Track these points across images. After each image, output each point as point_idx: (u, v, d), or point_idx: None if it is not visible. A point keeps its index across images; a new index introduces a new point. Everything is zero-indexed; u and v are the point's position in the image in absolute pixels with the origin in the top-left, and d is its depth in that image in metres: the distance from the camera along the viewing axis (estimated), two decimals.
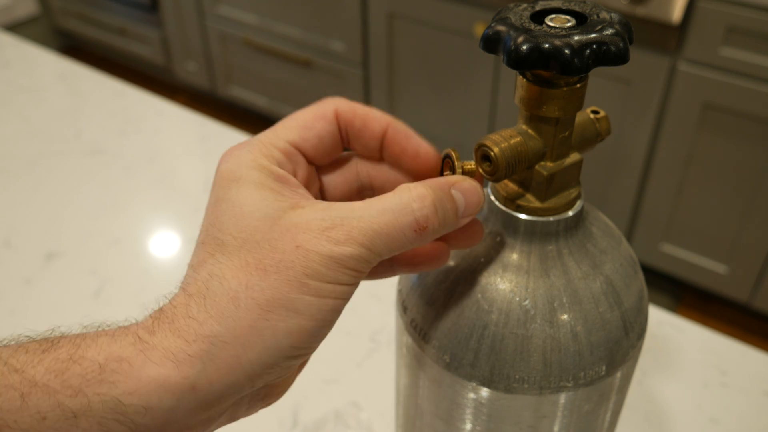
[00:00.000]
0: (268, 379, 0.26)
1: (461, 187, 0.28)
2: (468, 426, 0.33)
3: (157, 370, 0.24)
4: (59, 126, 0.91)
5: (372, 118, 0.30)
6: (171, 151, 0.88)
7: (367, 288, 0.66)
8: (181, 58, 2.36)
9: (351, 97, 1.83)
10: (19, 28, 2.51)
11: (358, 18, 1.81)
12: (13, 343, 0.25)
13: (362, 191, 0.33)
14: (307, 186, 0.30)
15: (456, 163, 0.30)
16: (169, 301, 0.26)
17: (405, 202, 0.26)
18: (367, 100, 1.92)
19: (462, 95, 1.73)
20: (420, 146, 0.30)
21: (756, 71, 1.30)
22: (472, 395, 0.32)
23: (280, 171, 0.27)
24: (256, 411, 0.28)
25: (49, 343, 0.25)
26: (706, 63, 1.35)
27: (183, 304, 0.25)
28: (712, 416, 0.55)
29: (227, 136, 0.88)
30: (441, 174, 0.30)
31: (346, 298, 0.26)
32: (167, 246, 0.73)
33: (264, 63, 2.11)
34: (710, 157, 1.43)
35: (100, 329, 0.26)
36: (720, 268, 1.54)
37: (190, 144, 0.91)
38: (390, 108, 1.85)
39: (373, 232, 0.26)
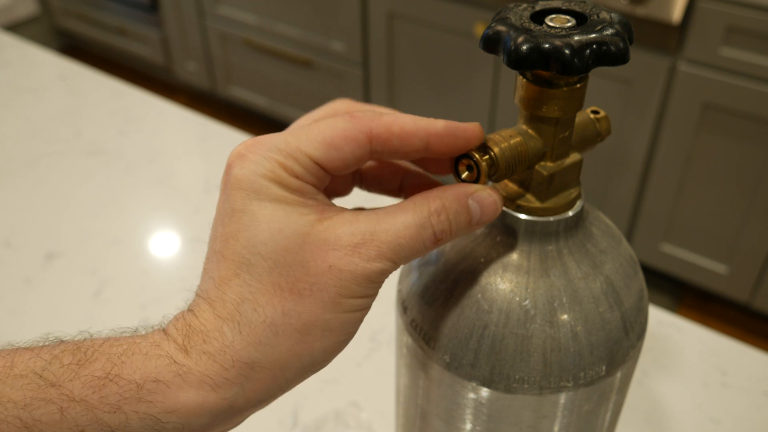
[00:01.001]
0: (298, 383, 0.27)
1: (479, 197, 0.28)
2: (468, 426, 0.33)
3: (195, 393, 0.25)
4: (59, 126, 0.91)
5: (409, 133, 0.27)
6: (171, 151, 0.88)
7: None
8: (181, 58, 2.36)
9: (351, 97, 1.83)
10: (19, 28, 2.51)
11: (358, 18, 1.81)
12: (41, 344, 0.26)
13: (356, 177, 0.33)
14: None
15: (482, 165, 0.29)
16: (196, 316, 0.26)
17: (425, 216, 0.27)
18: (367, 100, 1.92)
19: (462, 95, 1.73)
20: (469, 138, 0.28)
21: (756, 71, 1.30)
22: (472, 395, 0.32)
23: (298, 183, 0.26)
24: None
25: (81, 353, 0.25)
26: (706, 63, 1.35)
27: (216, 329, 0.25)
28: (712, 416, 0.55)
29: (227, 136, 0.88)
30: (456, 171, 0.30)
31: (370, 307, 0.27)
32: (167, 246, 0.73)
33: (264, 63, 2.11)
34: (710, 157, 1.43)
35: (130, 337, 0.26)
36: (720, 268, 1.54)
37: (190, 144, 0.91)
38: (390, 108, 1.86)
39: (400, 246, 0.26)
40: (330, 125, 0.27)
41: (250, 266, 0.26)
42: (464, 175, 0.30)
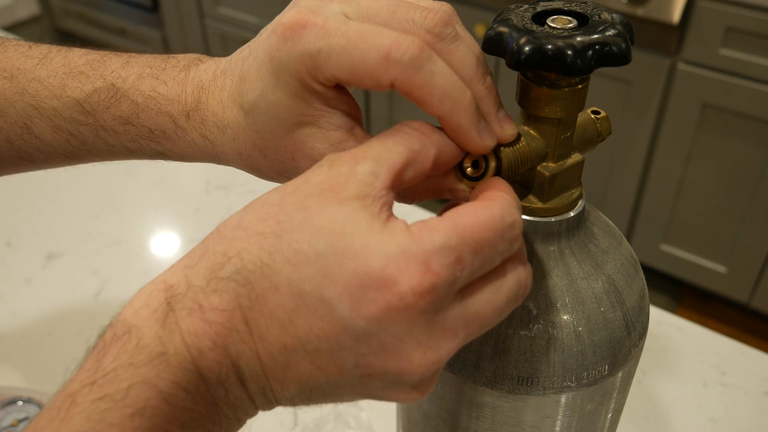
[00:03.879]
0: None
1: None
2: (470, 426, 0.33)
3: (188, 146, 0.34)
4: None
5: (426, 103, 0.27)
6: None
7: None
8: None
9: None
10: (19, 28, 2.50)
11: None
12: (89, 72, 0.35)
13: None
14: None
15: (490, 165, 0.29)
16: (208, 96, 0.32)
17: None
18: (366, 100, 1.92)
19: None
20: (472, 146, 0.28)
21: (755, 71, 1.30)
22: (475, 396, 0.32)
23: (321, 88, 0.29)
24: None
25: (113, 93, 0.34)
26: (706, 63, 1.35)
27: (212, 120, 0.32)
28: (711, 416, 0.55)
29: None
30: (461, 169, 0.29)
31: None
32: (167, 246, 0.73)
33: None
34: (710, 157, 1.43)
35: (155, 80, 0.34)
36: (719, 268, 1.54)
37: None
38: (389, 108, 1.85)
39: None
40: (366, 57, 0.26)
41: (243, 101, 0.31)
42: (468, 170, 0.29)
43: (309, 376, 0.24)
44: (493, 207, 0.25)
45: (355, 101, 0.31)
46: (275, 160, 0.31)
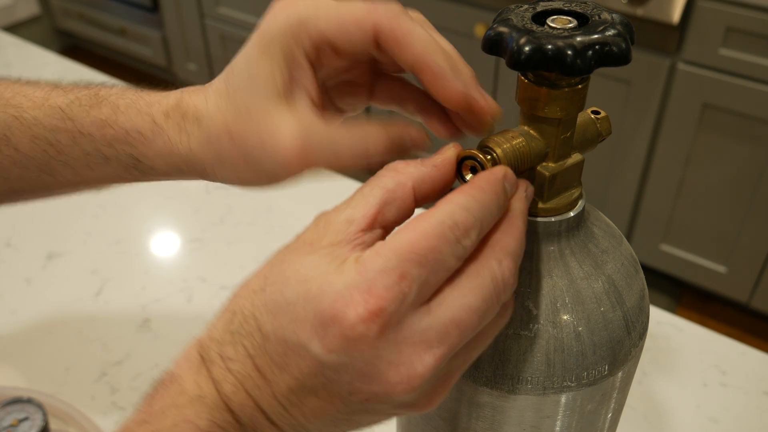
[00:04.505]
0: None
1: None
2: (470, 426, 0.33)
3: (163, 144, 0.34)
4: None
5: (406, 46, 0.30)
6: None
7: None
8: (181, 58, 2.36)
9: None
10: (20, 28, 2.50)
11: None
12: (72, 85, 0.36)
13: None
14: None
15: (487, 167, 0.28)
16: (192, 98, 0.34)
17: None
18: None
19: None
20: (449, 92, 0.30)
21: (755, 72, 1.30)
22: (475, 396, 0.32)
23: (301, 60, 0.31)
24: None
25: (95, 98, 0.35)
26: (706, 63, 1.35)
27: (191, 117, 0.34)
28: (711, 416, 0.55)
29: None
30: (460, 173, 0.29)
31: None
32: (167, 246, 0.73)
33: None
34: (710, 157, 1.44)
35: (139, 91, 0.35)
36: (719, 268, 1.54)
37: None
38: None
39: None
40: (352, 9, 0.30)
41: (228, 87, 0.33)
42: (468, 177, 0.29)
43: (321, 409, 0.26)
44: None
45: (319, 91, 0.33)
46: (243, 144, 0.32)
